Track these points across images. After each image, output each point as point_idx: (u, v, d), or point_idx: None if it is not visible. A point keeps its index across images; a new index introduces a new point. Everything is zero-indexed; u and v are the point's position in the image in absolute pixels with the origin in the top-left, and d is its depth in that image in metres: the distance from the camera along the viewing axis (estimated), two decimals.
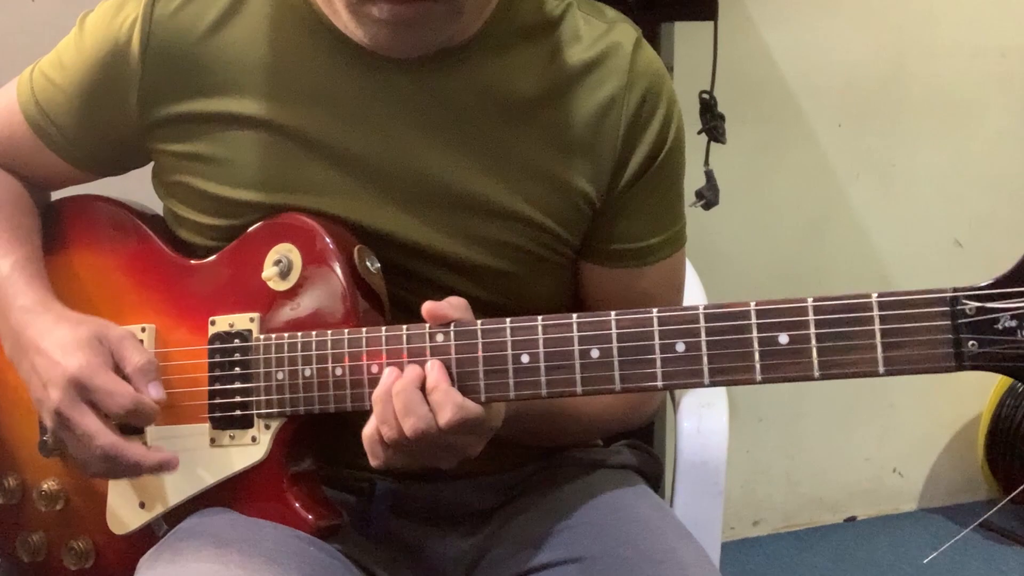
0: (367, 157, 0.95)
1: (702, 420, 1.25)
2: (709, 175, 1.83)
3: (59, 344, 0.92)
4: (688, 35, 1.87)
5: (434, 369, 0.84)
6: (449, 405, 0.83)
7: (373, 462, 0.87)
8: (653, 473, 1.13)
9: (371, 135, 0.95)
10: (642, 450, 1.16)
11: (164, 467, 0.93)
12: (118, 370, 0.92)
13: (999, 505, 2.49)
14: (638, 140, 0.97)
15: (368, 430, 0.86)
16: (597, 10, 1.01)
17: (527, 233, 0.97)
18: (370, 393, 0.87)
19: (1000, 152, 2.51)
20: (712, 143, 1.85)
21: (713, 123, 1.83)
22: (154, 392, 0.92)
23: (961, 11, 2.40)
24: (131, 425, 0.94)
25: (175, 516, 0.97)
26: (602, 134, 0.97)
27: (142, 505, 0.98)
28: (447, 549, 1.03)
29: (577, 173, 0.97)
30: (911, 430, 2.57)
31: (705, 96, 1.84)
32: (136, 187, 1.08)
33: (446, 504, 1.03)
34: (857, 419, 2.52)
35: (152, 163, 1.04)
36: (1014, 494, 2.41)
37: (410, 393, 0.83)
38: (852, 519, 2.58)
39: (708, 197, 1.82)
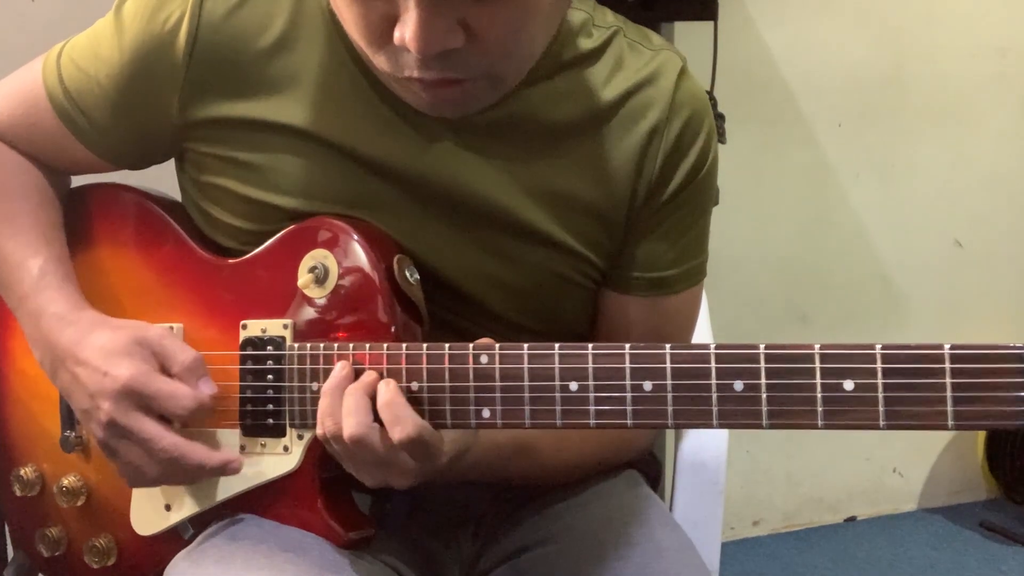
0: (407, 172, 0.93)
1: None
2: None
3: (101, 353, 0.89)
4: (688, 35, 1.87)
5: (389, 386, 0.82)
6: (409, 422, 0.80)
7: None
8: (652, 473, 1.13)
9: (412, 152, 0.93)
10: None
11: (228, 468, 0.89)
12: (165, 372, 0.90)
13: None
14: (674, 170, 0.96)
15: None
16: (644, 36, 0.99)
17: (563, 259, 0.96)
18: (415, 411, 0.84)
19: (1000, 152, 2.51)
20: None
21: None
22: (205, 388, 0.89)
23: (961, 11, 2.41)
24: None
25: (200, 519, 0.95)
26: (641, 163, 0.95)
27: (168, 507, 0.96)
28: (454, 554, 1.03)
29: (615, 203, 0.96)
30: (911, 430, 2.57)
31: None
32: (153, 180, 1.07)
33: (462, 506, 1.02)
34: None
35: (174, 159, 1.02)
36: None
37: (359, 397, 0.82)
38: (852, 519, 2.58)
39: None
